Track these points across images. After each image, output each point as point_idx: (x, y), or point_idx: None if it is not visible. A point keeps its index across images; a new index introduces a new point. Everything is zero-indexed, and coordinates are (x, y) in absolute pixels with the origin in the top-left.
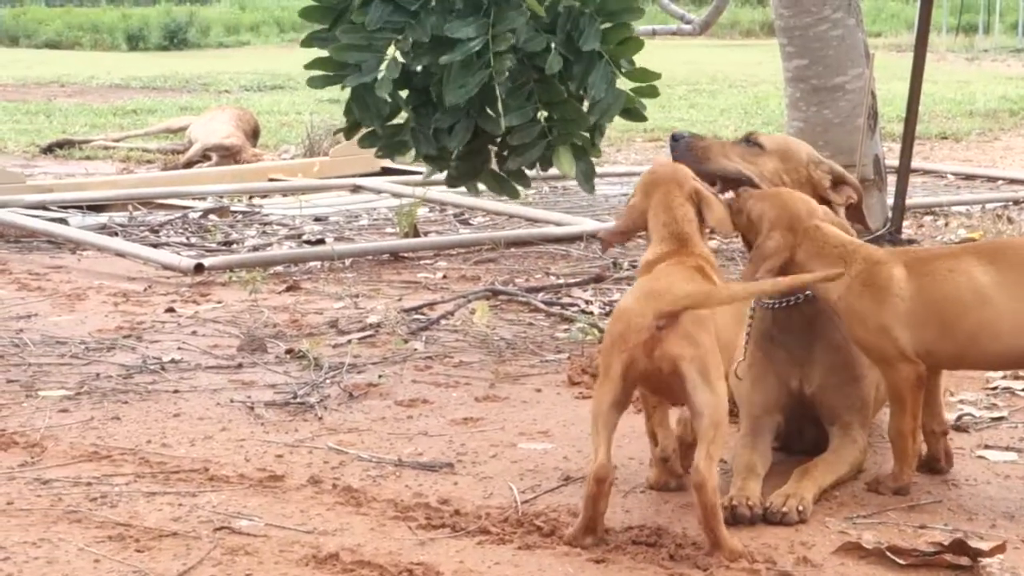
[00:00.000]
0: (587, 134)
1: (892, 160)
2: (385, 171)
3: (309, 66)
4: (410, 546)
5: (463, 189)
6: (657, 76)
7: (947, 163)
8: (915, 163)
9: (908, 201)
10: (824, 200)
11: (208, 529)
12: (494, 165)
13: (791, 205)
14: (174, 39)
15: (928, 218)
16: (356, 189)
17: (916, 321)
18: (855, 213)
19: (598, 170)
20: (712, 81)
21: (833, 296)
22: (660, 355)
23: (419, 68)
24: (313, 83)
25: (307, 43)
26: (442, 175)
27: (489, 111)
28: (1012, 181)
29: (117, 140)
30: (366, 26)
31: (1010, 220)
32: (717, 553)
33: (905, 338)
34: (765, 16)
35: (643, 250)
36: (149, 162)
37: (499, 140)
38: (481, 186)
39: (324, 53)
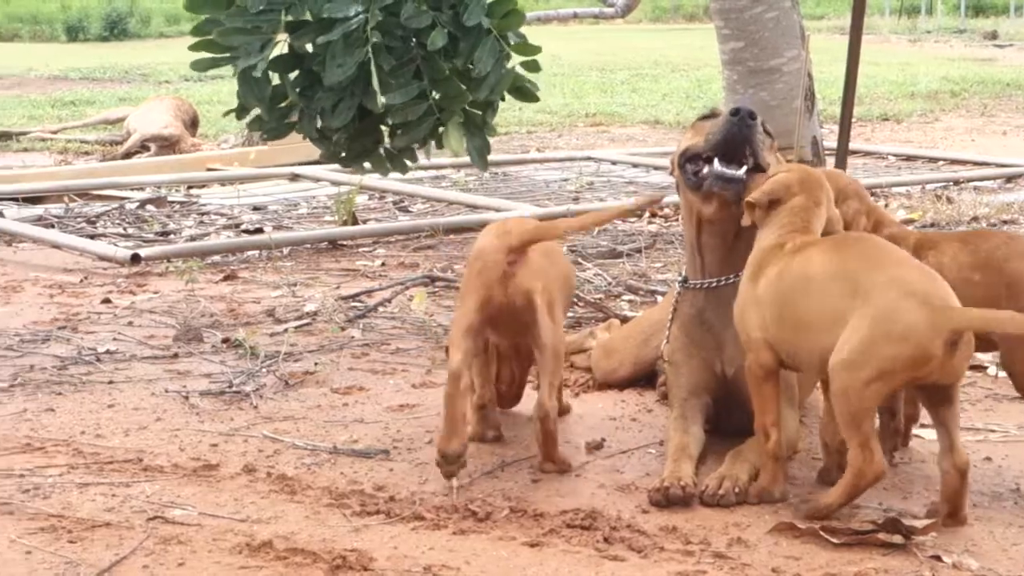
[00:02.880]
0: (479, 111)
1: (833, 142)
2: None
3: (194, 48)
4: (344, 533)
5: (400, 175)
6: (538, 50)
7: (888, 144)
8: (856, 145)
9: None
10: None
11: (141, 519)
12: (387, 143)
13: (825, 174)
14: (114, 30)
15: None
16: (295, 177)
17: (763, 308)
18: None
19: (538, 155)
20: (655, 65)
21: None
22: (513, 289)
23: (308, 49)
24: (197, 66)
25: (197, 32)
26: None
27: (371, 89)
28: (952, 161)
29: (55, 132)
30: (248, 8)
31: (949, 200)
32: (547, 463)
33: (755, 324)
34: None
35: None
36: (87, 153)
37: (388, 118)
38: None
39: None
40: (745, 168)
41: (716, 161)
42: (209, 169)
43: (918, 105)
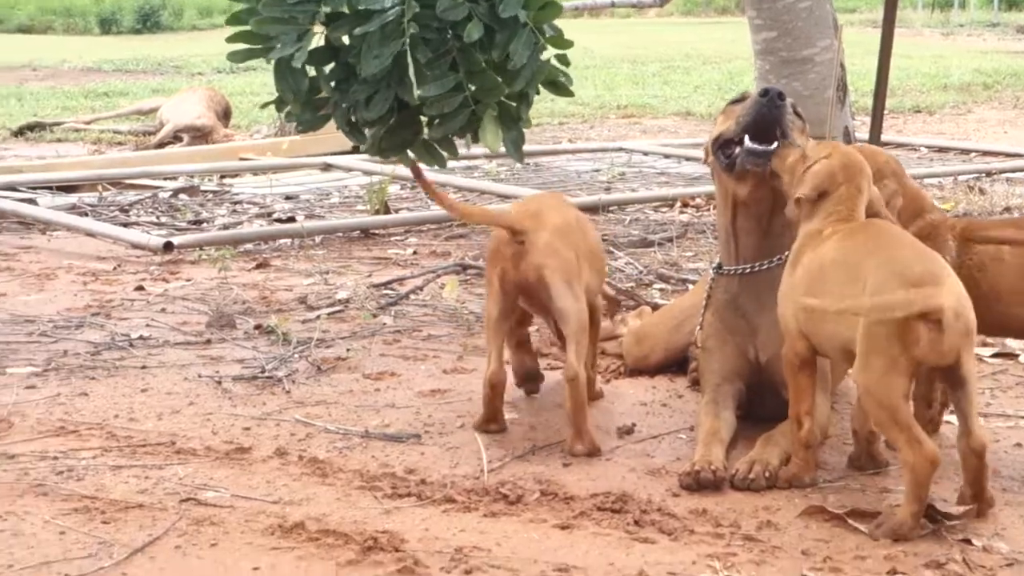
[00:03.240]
0: (514, 103)
1: (865, 133)
2: (356, 150)
3: (231, 39)
4: (376, 515)
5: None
6: (570, 44)
7: (920, 136)
8: (888, 136)
9: None
10: None
11: (174, 500)
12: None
13: (862, 151)
14: (147, 22)
15: None
16: (327, 167)
17: (797, 296)
18: None
19: (570, 146)
20: (686, 58)
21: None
22: (525, 266)
23: (344, 41)
24: (234, 57)
25: (234, 20)
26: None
27: (407, 80)
28: (985, 153)
29: (88, 122)
30: None
31: (982, 191)
32: (577, 441)
33: (790, 312)
34: None
35: None
36: (120, 144)
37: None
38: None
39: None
40: (776, 145)
41: (747, 139)
42: (242, 159)
43: (950, 97)
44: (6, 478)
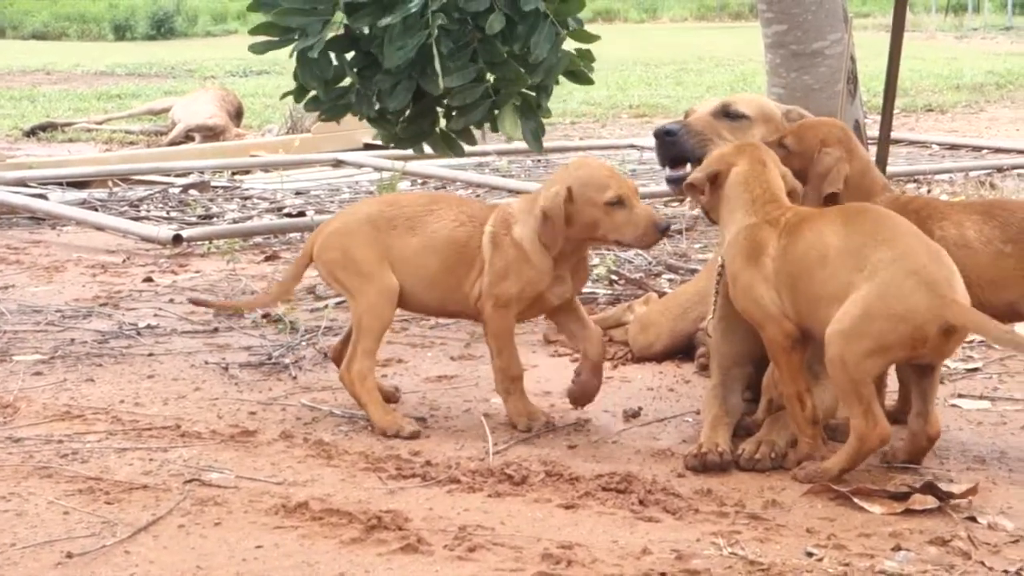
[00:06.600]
0: (533, 94)
1: (875, 131)
2: (367, 147)
3: (253, 31)
4: (380, 495)
5: (445, 160)
6: (596, 38)
7: (932, 133)
8: (900, 133)
9: (891, 169)
10: None
11: (178, 482)
12: (443, 125)
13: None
14: (161, 28)
15: (911, 186)
16: (338, 164)
17: (777, 281)
18: None
19: (581, 143)
20: (699, 60)
21: (723, 251)
22: (315, 261)
23: (365, 30)
24: (256, 49)
25: (253, 7)
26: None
27: (430, 71)
28: (997, 150)
29: (100, 122)
30: None
31: (993, 186)
32: (376, 425)
33: (770, 298)
34: None
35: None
36: (132, 144)
37: (445, 100)
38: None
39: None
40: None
41: (667, 168)
42: (252, 156)
43: (963, 96)
44: (11, 460)
